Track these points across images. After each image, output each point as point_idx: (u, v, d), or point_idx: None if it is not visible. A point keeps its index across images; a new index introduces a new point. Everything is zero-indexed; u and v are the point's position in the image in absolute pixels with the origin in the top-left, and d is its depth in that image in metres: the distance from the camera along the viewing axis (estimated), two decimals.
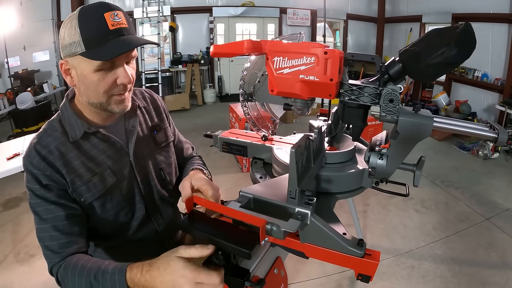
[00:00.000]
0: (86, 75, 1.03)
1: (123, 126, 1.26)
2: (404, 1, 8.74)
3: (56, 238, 1.05)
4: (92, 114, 1.17)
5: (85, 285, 0.96)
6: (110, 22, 1.00)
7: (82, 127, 1.13)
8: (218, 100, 9.23)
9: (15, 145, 3.15)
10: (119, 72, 1.06)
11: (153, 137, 1.34)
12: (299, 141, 0.79)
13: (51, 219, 1.05)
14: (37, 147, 1.08)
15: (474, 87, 6.68)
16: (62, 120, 1.14)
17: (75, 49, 1.00)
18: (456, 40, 0.81)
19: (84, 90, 1.08)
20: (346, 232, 0.79)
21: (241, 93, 1.13)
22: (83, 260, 1.02)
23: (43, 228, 1.06)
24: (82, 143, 1.14)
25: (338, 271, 2.66)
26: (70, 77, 1.09)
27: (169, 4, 8.74)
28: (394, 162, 0.93)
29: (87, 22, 0.99)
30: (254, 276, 0.80)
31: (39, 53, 8.17)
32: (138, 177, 1.25)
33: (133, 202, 1.26)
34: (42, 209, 1.06)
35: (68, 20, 1.02)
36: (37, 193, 1.06)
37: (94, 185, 1.13)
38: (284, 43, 0.88)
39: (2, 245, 3.14)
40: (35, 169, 1.06)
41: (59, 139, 1.11)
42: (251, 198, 0.83)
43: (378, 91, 0.87)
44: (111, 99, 1.10)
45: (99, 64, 1.01)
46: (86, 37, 0.98)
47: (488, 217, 3.45)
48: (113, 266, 0.94)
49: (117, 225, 1.23)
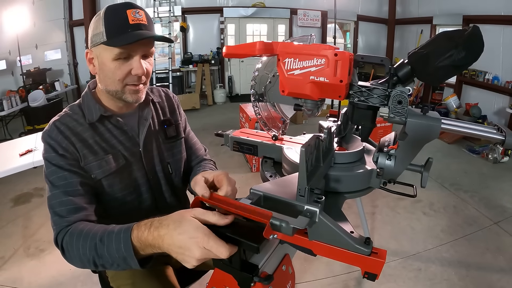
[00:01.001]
0: (106, 63, 1.15)
1: (137, 117, 1.34)
2: (414, 3, 8.69)
3: (65, 203, 1.09)
4: (109, 102, 1.27)
5: (89, 248, 0.96)
6: (131, 17, 1.12)
7: (99, 111, 1.23)
8: (228, 100, 9.26)
9: (27, 142, 3.20)
10: (134, 63, 1.17)
11: (164, 130, 1.42)
12: (309, 140, 0.81)
13: (63, 185, 1.11)
14: (56, 123, 1.19)
15: (484, 90, 6.62)
16: (82, 105, 1.26)
17: (98, 39, 1.13)
18: (464, 43, 0.82)
19: (103, 78, 1.20)
20: (353, 231, 0.81)
21: (252, 94, 1.15)
22: (90, 225, 1.04)
23: (55, 194, 1.11)
24: (97, 125, 1.24)
25: (345, 272, 2.67)
26: (92, 65, 1.22)
27: (180, 4, 8.79)
28: (402, 163, 0.94)
29: (111, 16, 1.12)
30: (262, 272, 0.82)
31: (51, 51, 8.28)
32: (145, 167, 1.33)
33: (140, 191, 1.33)
34: (55, 177, 1.12)
35: (97, 16, 1.16)
36: (53, 161, 1.13)
37: (105, 163, 1.21)
38: (295, 44, 0.89)
39: (13, 240, 3.19)
40: (52, 140, 1.15)
41: (77, 121, 1.22)
42: (262, 195, 0.85)
43: (387, 93, 0.88)
44: (126, 88, 1.20)
45: (117, 53, 1.12)
46: (108, 29, 1.11)
47: (497, 221, 3.42)
48: (119, 227, 0.93)
49: (125, 211, 1.28)
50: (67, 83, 8.09)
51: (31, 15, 6.81)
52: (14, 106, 5.99)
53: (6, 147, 3.25)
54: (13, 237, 3.23)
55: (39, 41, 7.83)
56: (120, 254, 0.90)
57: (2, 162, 2.77)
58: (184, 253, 0.79)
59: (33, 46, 7.71)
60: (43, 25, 7.80)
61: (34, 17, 7.11)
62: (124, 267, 0.93)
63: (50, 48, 8.22)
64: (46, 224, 3.36)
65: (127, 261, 0.90)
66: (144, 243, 0.87)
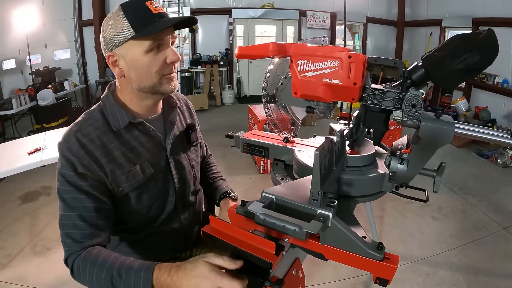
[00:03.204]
0: (138, 58, 1.09)
1: (162, 121, 1.31)
2: (424, 5, 8.64)
3: (80, 227, 1.05)
4: (136, 105, 1.21)
5: (104, 278, 0.97)
6: (153, 8, 1.08)
7: (126, 118, 1.16)
8: (236, 101, 9.26)
9: (36, 140, 3.22)
10: (168, 51, 1.13)
11: (188, 136, 1.41)
12: (323, 144, 0.80)
13: (79, 208, 1.06)
14: (77, 134, 1.10)
15: (494, 93, 6.55)
16: (104, 110, 1.17)
17: (123, 36, 1.06)
18: (479, 46, 0.81)
19: (136, 75, 1.12)
20: (366, 236, 0.80)
21: (264, 95, 1.14)
22: (105, 253, 1.04)
23: (69, 216, 1.06)
24: (123, 133, 1.17)
25: (353, 275, 2.65)
26: (118, 68, 1.13)
27: (189, 5, 8.81)
28: (414, 167, 0.93)
29: (132, 11, 1.07)
30: (273, 276, 0.81)
31: (60, 51, 8.33)
32: (173, 172, 1.30)
33: (166, 196, 1.31)
34: (71, 197, 1.07)
35: (109, 17, 1.09)
36: (70, 180, 1.07)
37: (133, 176, 1.17)
38: (308, 46, 0.88)
39: (20, 237, 3.21)
40: (72, 155, 1.07)
41: (100, 129, 1.13)
42: (273, 199, 0.84)
43: (401, 96, 0.88)
44: (163, 79, 1.14)
45: (149, 44, 1.07)
46: (134, 22, 1.05)
47: (505, 227, 3.38)
48: (140, 263, 0.96)
49: (148, 217, 1.28)
50: (76, 83, 8.14)
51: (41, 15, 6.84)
52: (23, 104, 6.02)
53: (15, 145, 3.27)
54: (20, 235, 3.25)
55: (49, 40, 7.88)
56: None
57: (10, 160, 2.79)
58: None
59: (43, 45, 7.77)
60: (53, 25, 7.85)
61: (43, 17, 7.15)
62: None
63: (59, 47, 8.27)
64: (53, 223, 3.38)
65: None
66: (161, 284, 0.91)
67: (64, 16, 8.19)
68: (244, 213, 0.86)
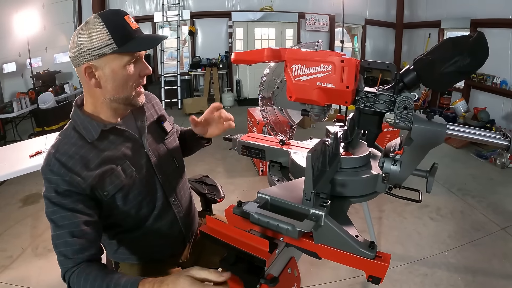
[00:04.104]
0: (117, 71, 1.13)
1: (133, 120, 1.33)
2: (422, 7, 8.67)
3: (70, 244, 1.07)
4: (107, 113, 1.23)
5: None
6: (131, 23, 1.14)
7: (98, 127, 1.18)
8: (236, 104, 9.28)
9: (37, 143, 3.24)
10: (142, 65, 1.20)
11: (161, 127, 1.43)
12: (315, 145, 0.82)
13: (67, 225, 1.08)
14: (56, 155, 1.12)
15: (493, 94, 6.56)
16: (76, 126, 1.19)
17: (105, 49, 1.09)
18: (469, 49, 0.83)
19: (113, 87, 1.15)
20: (358, 235, 0.82)
21: (260, 98, 1.17)
22: (96, 269, 1.06)
23: (59, 235, 1.08)
24: (99, 143, 1.19)
25: (351, 276, 2.67)
26: (94, 79, 1.14)
27: (189, 8, 8.85)
28: (407, 168, 0.95)
29: (114, 25, 1.10)
30: (268, 274, 0.83)
31: (60, 54, 8.35)
32: (154, 167, 1.32)
33: (154, 191, 1.33)
34: (58, 216, 1.08)
35: (87, 26, 1.11)
36: (54, 200, 1.09)
37: (115, 177, 1.19)
38: (302, 51, 0.91)
39: (21, 239, 3.23)
40: (54, 175, 1.09)
41: (76, 144, 1.16)
42: (268, 199, 0.87)
43: (393, 99, 0.90)
44: (135, 91, 1.21)
45: (129, 59, 1.13)
46: (117, 36, 1.09)
47: (504, 227, 3.39)
48: (126, 279, 1.00)
49: (139, 215, 1.29)
50: (76, 86, 8.16)
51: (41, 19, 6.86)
52: (24, 107, 6.04)
53: (16, 148, 3.29)
54: (22, 237, 3.27)
55: (49, 44, 7.92)
56: None
57: (12, 163, 2.81)
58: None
59: (43, 48, 7.81)
60: (53, 28, 7.89)
61: (44, 21, 7.18)
62: None
63: (60, 50, 8.29)
64: None
65: None
66: None
67: (64, 20, 8.23)
68: (240, 213, 0.88)
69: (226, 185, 4.31)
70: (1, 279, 2.69)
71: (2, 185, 4.14)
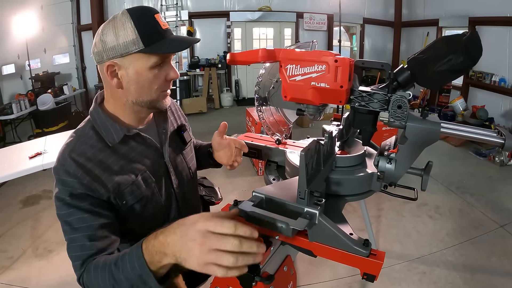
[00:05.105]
0: (142, 72, 1.05)
1: (156, 128, 1.27)
2: (420, 5, 8.68)
3: (88, 248, 1.00)
4: (129, 117, 1.16)
5: (108, 277, 0.92)
6: (161, 23, 1.04)
7: (121, 131, 1.11)
8: (235, 104, 9.30)
9: (36, 145, 3.26)
10: (169, 68, 1.10)
11: (181, 137, 1.37)
12: (309, 145, 0.83)
13: (84, 228, 1.00)
14: (72, 155, 1.03)
15: (491, 92, 6.59)
16: (96, 126, 1.11)
17: (130, 47, 1.01)
18: (462, 48, 0.84)
19: (136, 89, 1.07)
20: (352, 233, 0.83)
21: (256, 98, 1.17)
22: (104, 256, 0.99)
23: (75, 238, 1.00)
24: (120, 147, 1.12)
25: (349, 274, 2.68)
26: (117, 79, 1.06)
27: (187, 8, 8.85)
28: (402, 167, 0.96)
29: (143, 22, 1.01)
30: (264, 272, 0.84)
31: (59, 56, 8.38)
32: (172, 178, 1.27)
33: (169, 203, 1.27)
34: (74, 219, 1.00)
35: (114, 22, 1.02)
36: (68, 202, 1.01)
37: (136, 187, 1.13)
38: (296, 51, 0.92)
39: (22, 240, 3.25)
40: (70, 177, 1.01)
41: (95, 147, 1.08)
42: (263, 198, 0.87)
43: (387, 98, 0.91)
44: (161, 95, 1.12)
45: (156, 60, 1.04)
46: (144, 35, 1.00)
47: (503, 224, 3.41)
48: (130, 248, 0.91)
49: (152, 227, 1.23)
50: (76, 87, 8.18)
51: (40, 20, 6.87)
52: (23, 109, 6.06)
53: (16, 149, 3.31)
54: (22, 238, 3.29)
55: (48, 45, 7.91)
56: (135, 272, 0.86)
57: (12, 164, 2.82)
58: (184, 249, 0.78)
59: (42, 50, 7.80)
60: (52, 30, 7.89)
61: (42, 22, 7.18)
62: None
63: (59, 52, 8.31)
64: (54, 226, 3.42)
65: (144, 279, 0.85)
66: (151, 253, 0.84)
67: (63, 21, 8.23)
68: None
69: (225, 184, 4.32)
70: (2, 279, 2.70)
71: (2, 186, 4.15)
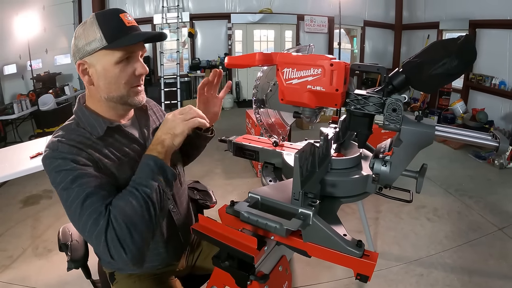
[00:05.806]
0: (108, 68, 1.10)
1: (138, 126, 1.31)
2: (421, 8, 8.69)
3: (106, 196, 1.01)
4: (109, 112, 1.20)
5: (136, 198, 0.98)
6: (126, 21, 1.10)
7: (103, 124, 1.15)
8: (235, 106, 9.32)
9: (37, 145, 3.27)
10: (137, 64, 1.15)
11: None
12: (304, 147, 0.85)
13: (95, 183, 1.02)
14: (62, 140, 1.07)
15: (491, 95, 6.57)
16: (80, 123, 1.16)
17: (95, 45, 1.07)
18: (457, 52, 0.86)
19: (105, 85, 1.12)
20: (346, 234, 0.84)
21: (254, 101, 1.19)
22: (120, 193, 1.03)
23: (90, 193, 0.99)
24: (105, 138, 1.16)
25: (347, 276, 2.68)
26: (88, 76, 1.12)
27: (188, 10, 8.89)
28: (397, 169, 0.98)
29: (106, 21, 1.08)
30: (259, 271, 0.86)
31: (61, 56, 8.41)
32: None
33: None
34: (83, 179, 1.00)
35: (83, 26, 1.10)
36: (74, 166, 1.02)
37: (126, 164, 1.17)
38: (293, 55, 0.93)
39: (21, 240, 3.26)
40: (68, 154, 1.03)
41: (83, 135, 1.12)
42: (259, 198, 0.89)
43: (382, 101, 0.92)
44: (130, 91, 1.16)
45: (120, 55, 1.08)
46: (107, 32, 1.06)
47: (501, 227, 3.41)
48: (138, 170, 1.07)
49: None
50: (77, 87, 8.20)
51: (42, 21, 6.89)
52: (24, 109, 6.08)
53: (17, 149, 3.32)
54: (22, 237, 3.30)
55: (49, 45, 7.95)
56: (153, 167, 1.04)
57: (13, 164, 2.83)
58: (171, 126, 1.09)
59: (43, 50, 7.84)
60: (53, 30, 7.92)
61: (44, 23, 7.20)
62: (164, 185, 1.05)
63: (60, 52, 8.34)
64: (54, 225, 3.43)
65: (164, 168, 1.06)
66: (153, 149, 1.07)
67: (64, 22, 8.26)
68: (233, 212, 0.91)
69: (225, 186, 4.33)
70: (2, 278, 2.72)
71: (2, 186, 4.17)
